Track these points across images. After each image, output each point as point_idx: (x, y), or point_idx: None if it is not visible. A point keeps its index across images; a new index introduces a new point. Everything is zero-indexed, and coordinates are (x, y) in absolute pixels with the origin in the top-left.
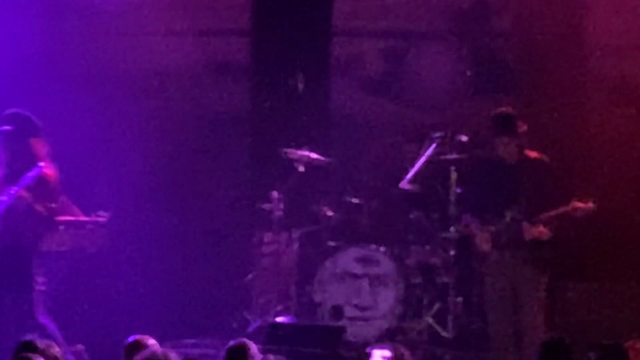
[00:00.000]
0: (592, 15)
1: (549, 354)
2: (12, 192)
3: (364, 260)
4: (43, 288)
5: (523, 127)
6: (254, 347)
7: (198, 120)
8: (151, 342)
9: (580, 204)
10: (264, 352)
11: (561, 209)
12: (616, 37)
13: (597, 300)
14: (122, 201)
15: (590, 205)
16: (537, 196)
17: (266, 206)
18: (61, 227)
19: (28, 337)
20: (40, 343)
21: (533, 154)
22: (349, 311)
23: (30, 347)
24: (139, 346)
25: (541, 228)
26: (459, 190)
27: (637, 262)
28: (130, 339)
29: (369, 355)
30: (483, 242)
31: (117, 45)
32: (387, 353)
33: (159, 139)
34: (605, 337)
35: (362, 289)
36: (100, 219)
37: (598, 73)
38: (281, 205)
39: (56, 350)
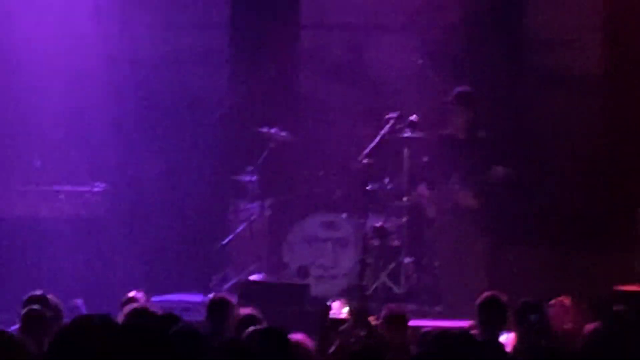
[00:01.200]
0: (531, 10)
1: (487, 310)
2: None
3: (327, 225)
4: None
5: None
6: (233, 300)
7: (181, 104)
8: (139, 295)
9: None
10: (239, 306)
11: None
12: (552, 31)
13: (532, 263)
14: (116, 174)
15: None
16: (478, 169)
17: (242, 178)
18: (61, 197)
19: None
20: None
21: (481, 133)
22: (314, 270)
23: (37, 299)
24: (131, 301)
25: (471, 197)
26: (410, 164)
27: (565, 228)
28: (128, 294)
29: (329, 307)
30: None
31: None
32: (344, 306)
33: (146, 121)
34: (537, 295)
35: (326, 250)
36: (96, 189)
37: (535, 64)
38: (255, 178)
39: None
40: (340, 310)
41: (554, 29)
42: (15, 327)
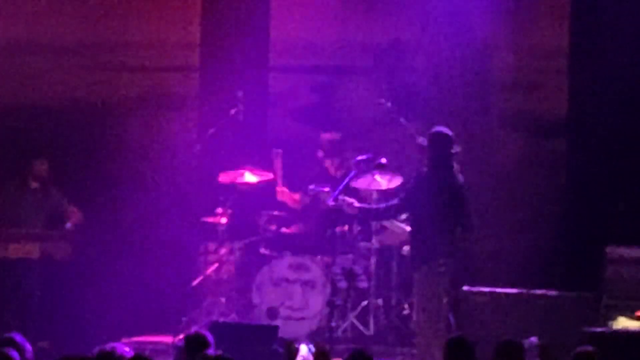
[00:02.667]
0: (494, 56)
1: (454, 351)
2: None
3: (296, 267)
4: None
5: (457, 149)
6: (210, 337)
7: (150, 146)
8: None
9: None
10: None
11: None
12: (513, 74)
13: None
14: (85, 216)
15: None
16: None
17: (212, 220)
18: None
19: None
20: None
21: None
22: (283, 311)
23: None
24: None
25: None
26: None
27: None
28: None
29: (297, 349)
30: None
31: (72, 79)
32: (311, 348)
33: (115, 165)
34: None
35: (295, 292)
36: (66, 230)
37: (498, 105)
38: (224, 219)
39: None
40: (305, 351)
41: (519, 72)
42: None
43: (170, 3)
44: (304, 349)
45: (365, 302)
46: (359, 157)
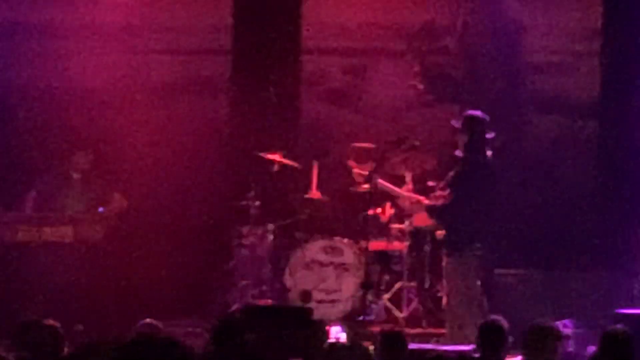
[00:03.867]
0: (526, 38)
1: (487, 334)
2: None
3: (329, 250)
4: None
5: (491, 134)
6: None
7: (183, 130)
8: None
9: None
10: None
11: None
12: (545, 57)
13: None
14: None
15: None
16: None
17: (244, 203)
18: (65, 221)
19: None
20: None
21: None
22: (316, 294)
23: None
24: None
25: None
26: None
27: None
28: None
29: (328, 332)
30: None
31: (108, 63)
32: (342, 332)
33: (150, 149)
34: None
35: (328, 275)
36: (99, 214)
37: (530, 87)
38: (257, 202)
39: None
40: (339, 333)
41: (552, 54)
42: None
43: None
44: (334, 331)
45: (398, 285)
46: (391, 139)
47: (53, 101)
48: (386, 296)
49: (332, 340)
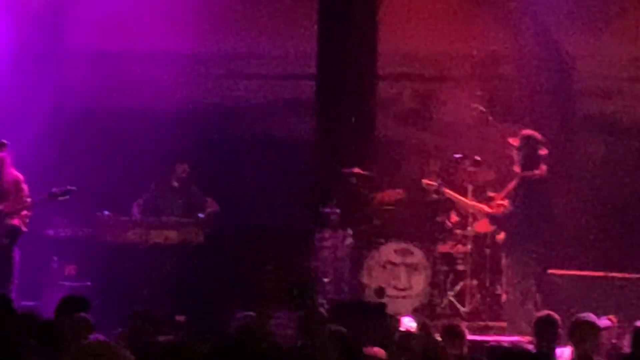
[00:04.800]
0: (578, 63)
1: (542, 326)
2: None
3: (401, 252)
4: None
5: (545, 151)
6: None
7: (274, 146)
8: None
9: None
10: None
11: None
12: (594, 82)
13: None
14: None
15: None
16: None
17: (327, 210)
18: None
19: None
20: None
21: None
22: (389, 291)
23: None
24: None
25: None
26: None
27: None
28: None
29: (399, 321)
30: None
31: (207, 86)
32: (412, 321)
33: (240, 163)
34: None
35: (400, 274)
36: (198, 219)
37: (581, 110)
38: (337, 210)
39: None
40: (409, 324)
41: (600, 80)
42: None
43: (289, 17)
44: (405, 321)
45: (462, 283)
46: (456, 155)
47: (156, 121)
48: (451, 293)
49: (403, 329)
